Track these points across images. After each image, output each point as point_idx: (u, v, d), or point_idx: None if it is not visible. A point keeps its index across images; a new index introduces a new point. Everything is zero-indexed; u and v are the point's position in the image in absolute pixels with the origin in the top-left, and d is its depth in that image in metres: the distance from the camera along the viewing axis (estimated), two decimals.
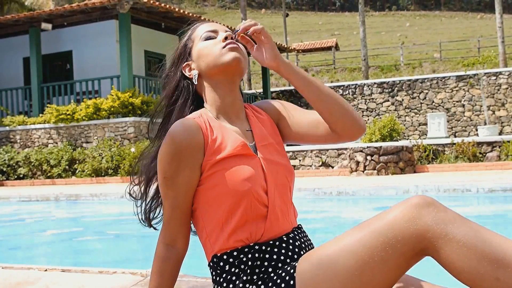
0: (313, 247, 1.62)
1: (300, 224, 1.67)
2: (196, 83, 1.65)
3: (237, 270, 1.49)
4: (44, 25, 15.82)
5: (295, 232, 1.59)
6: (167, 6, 16.04)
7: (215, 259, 1.53)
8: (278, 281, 1.44)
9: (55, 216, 8.71)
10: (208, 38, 1.64)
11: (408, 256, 1.33)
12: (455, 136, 18.92)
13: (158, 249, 1.57)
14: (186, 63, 1.68)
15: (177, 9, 16.30)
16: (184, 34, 1.73)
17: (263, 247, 1.49)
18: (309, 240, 1.64)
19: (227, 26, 1.47)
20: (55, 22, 16.19)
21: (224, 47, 1.60)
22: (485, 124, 18.69)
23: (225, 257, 1.51)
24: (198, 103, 1.69)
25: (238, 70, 1.61)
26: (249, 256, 1.48)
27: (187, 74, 1.67)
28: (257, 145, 1.61)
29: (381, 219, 1.37)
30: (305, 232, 1.65)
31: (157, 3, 15.37)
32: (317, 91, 1.59)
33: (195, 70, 1.65)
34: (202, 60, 1.62)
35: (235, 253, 1.50)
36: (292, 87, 23.05)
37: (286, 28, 35.28)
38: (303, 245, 1.57)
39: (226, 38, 1.61)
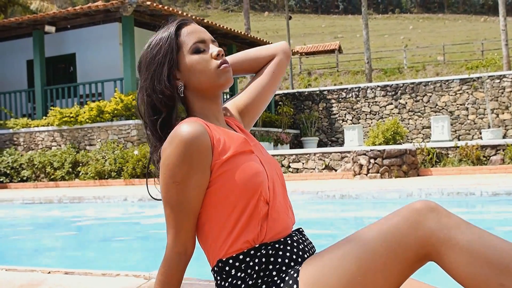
0: (315, 250, 1.63)
1: (301, 228, 1.67)
2: (182, 95, 1.63)
3: (243, 275, 1.48)
4: (47, 28, 15.81)
5: (298, 236, 1.60)
6: (170, 9, 16.10)
7: (220, 264, 1.52)
8: (282, 285, 1.45)
9: (58, 219, 8.71)
10: (198, 51, 1.62)
11: (411, 262, 1.34)
12: (459, 139, 18.80)
13: (169, 259, 1.52)
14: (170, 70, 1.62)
15: (180, 12, 16.52)
16: (168, 31, 1.64)
17: (269, 251, 1.49)
18: (311, 243, 1.64)
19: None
20: (59, 25, 16.18)
21: (219, 66, 1.61)
22: (489, 127, 18.59)
23: (230, 261, 1.50)
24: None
25: (227, 87, 1.66)
26: (256, 260, 1.48)
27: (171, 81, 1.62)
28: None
29: (384, 224, 1.38)
30: (306, 235, 1.65)
31: (160, 6, 15.45)
32: (251, 58, 1.87)
33: (181, 81, 1.62)
34: (195, 75, 1.61)
35: (241, 257, 1.49)
36: (295, 90, 22.99)
37: (289, 31, 35.12)
38: (306, 249, 1.57)
39: (218, 55, 1.62)
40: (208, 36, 1.66)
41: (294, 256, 1.51)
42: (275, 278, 1.47)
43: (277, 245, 1.51)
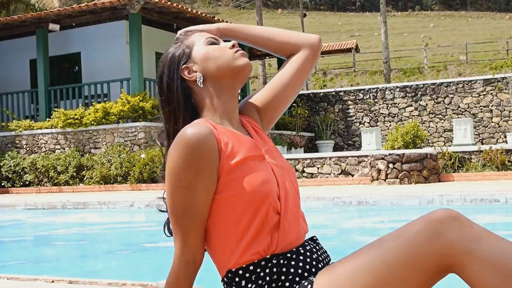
0: (330, 259, 1.62)
1: (315, 236, 1.66)
2: (202, 85, 1.62)
3: (253, 286, 1.47)
4: (51, 26, 15.86)
5: (311, 245, 1.58)
6: (179, 6, 16.12)
7: (229, 274, 1.50)
8: None
9: (62, 225, 8.76)
10: (213, 43, 1.66)
11: (430, 274, 1.32)
12: (482, 143, 18.57)
13: (177, 268, 1.49)
14: (185, 65, 1.63)
15: (189, 9, 16.42)
16: (177, 42, 1.72)
17: (281, 261, 1.48)
18: (325, 252, 1.63)
19: None
20: (63, 22, 16.22)
21: (236, 52, 1.64)
22: None
23: (240, 272, 1.48)
24: (192, 113, 1.64)
25: (247, 76, 1.65)
26: (267, 270, 1.47)
27: (186, 76, 1.63)
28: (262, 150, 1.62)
29: (402, 234, 1.37)
30: (320, 244, 1.63)
31: (168, 3, 15.46)
32: (267, 36, 1.81)
33: (198, 72, 1.62)
34: (212, 61, 1.62)
35: (251, 267, 1.47)
36: (310, 91, 23.00)
37: (303, 29, 35.01)
38: (320, 258, 1.55)
39: (233, 45, 1.66)
40: (218, 38, 1.73)
41: (307, 266, 1.49)
42: None
43: (289, 255, 1.50)
